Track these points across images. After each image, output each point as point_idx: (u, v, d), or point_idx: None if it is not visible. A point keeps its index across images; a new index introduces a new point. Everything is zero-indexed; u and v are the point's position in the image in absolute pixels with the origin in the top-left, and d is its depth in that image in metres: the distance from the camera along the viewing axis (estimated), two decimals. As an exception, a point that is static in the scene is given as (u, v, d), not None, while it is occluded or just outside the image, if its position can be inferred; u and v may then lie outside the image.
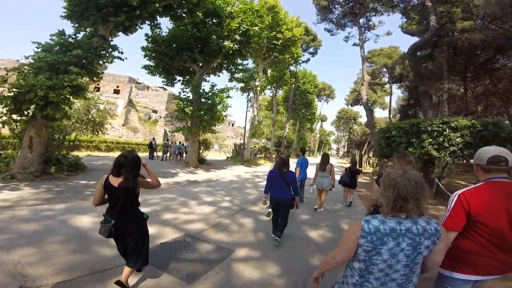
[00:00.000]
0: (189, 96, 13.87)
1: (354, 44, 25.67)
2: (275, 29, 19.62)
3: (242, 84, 22.52)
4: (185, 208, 5.46)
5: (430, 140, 7.88)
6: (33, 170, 7.03)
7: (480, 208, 1.46)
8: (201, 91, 13.84)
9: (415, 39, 21.24)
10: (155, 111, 39.45)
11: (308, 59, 38.55)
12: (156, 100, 40.69)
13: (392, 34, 26.30)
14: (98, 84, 34.62)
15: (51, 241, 3.32)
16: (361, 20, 23.68)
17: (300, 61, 33.68)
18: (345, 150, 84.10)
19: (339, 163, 35.18)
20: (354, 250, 1.30)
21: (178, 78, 15.29)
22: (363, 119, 76.18)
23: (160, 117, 38.38)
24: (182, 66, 14.45)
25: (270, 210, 4.27)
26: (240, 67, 16.92)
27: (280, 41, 20.07)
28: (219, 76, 17.16)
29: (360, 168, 22.76)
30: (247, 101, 20.04)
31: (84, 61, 7.44)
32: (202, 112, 12.78)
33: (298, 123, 41.83)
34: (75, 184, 7.11)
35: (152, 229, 3.77)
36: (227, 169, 15.39)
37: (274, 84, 28.05)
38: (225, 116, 13.89)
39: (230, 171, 14.44)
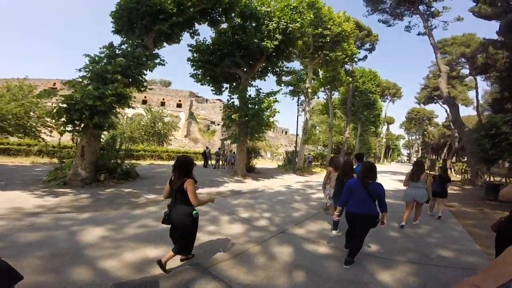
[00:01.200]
0: (236, 103, 13.45)
1: (419, 34, 22.83)
2: (320, 25, 17.93)
3: (291, 88, 21.34)
4: (212, 226, 4.52)
5: None
6: (84, 177, 7.34)
7: None
8: (247, 96, 13.29)
9: (493, 23, 16.59)
10: (213, 122, 41.65)
11: (366, 56, 34.88)
12: (213, 111, 43.06)
13: (463, 19, 21.56)
14: (163, 99, 38.64)
15: (38, 255, 2.86)
16: (420, 7, 20.31)
17: (356, 59, 30.58)
18: (419, 155, 72.34)
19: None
20: None
21: (225, 85, 15.17)
22: (440, 119, 64.74)
23: (211, 126, 40.25)
24: (228, 73, 14.23)
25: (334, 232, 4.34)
26: (286, 69, 15.76)
27: (328, 38, 18.24)
28: (265, 80, 16.37)
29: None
30: (298, 105, 18.59)
31: (128, 70, 7.59)
32: (248, 118, 12.09)
33: (360, 127, 37.64)
34: (118, 192, 7.08)
35: (158, 252, 3.15)
36: (277, 178, 14.20)
37: (328, 86, 25.80)
38: (273, 122, 12.86)
39: (280, 180, 13.19)
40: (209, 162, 19.41)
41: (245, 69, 13.76)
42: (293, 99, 22.20)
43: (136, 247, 3.26)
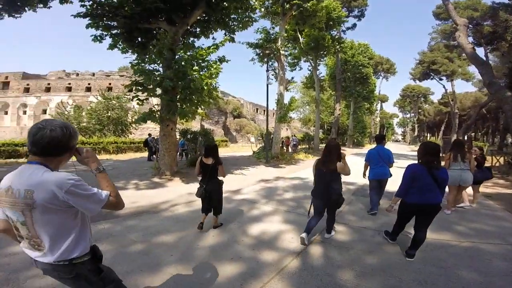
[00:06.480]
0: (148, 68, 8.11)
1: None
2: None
3: (258, 50, 16.10)
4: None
5: None
6: None
7: None
8: (172, 56, 7.87)
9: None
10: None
11: (354, 25, 29.11)
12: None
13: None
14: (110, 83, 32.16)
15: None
16: None
17: (343, 26, 25.08)
18: (415, 134, 68.75)
19: (413, 151, 26.20)
20: None
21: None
22: (436, 96, 60.26)
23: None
24: (146, 29, 8.91)
25: None
26: (240, 18, 10.21)
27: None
28: (214, 39, 10.93)
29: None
30: (267, 71, 13.38)
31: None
32: (170, 81, 6.96)
33: (353, 104, 32.86)
34: None
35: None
36: (234, 174, 9.36)
37: (311, 57, 20.68)
38: (212, 89, 7.66)
39: (237, 178, 8.37)
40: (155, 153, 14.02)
41: (175, 22, 8.53)
42: (262, 65, 17.24)
43: None
